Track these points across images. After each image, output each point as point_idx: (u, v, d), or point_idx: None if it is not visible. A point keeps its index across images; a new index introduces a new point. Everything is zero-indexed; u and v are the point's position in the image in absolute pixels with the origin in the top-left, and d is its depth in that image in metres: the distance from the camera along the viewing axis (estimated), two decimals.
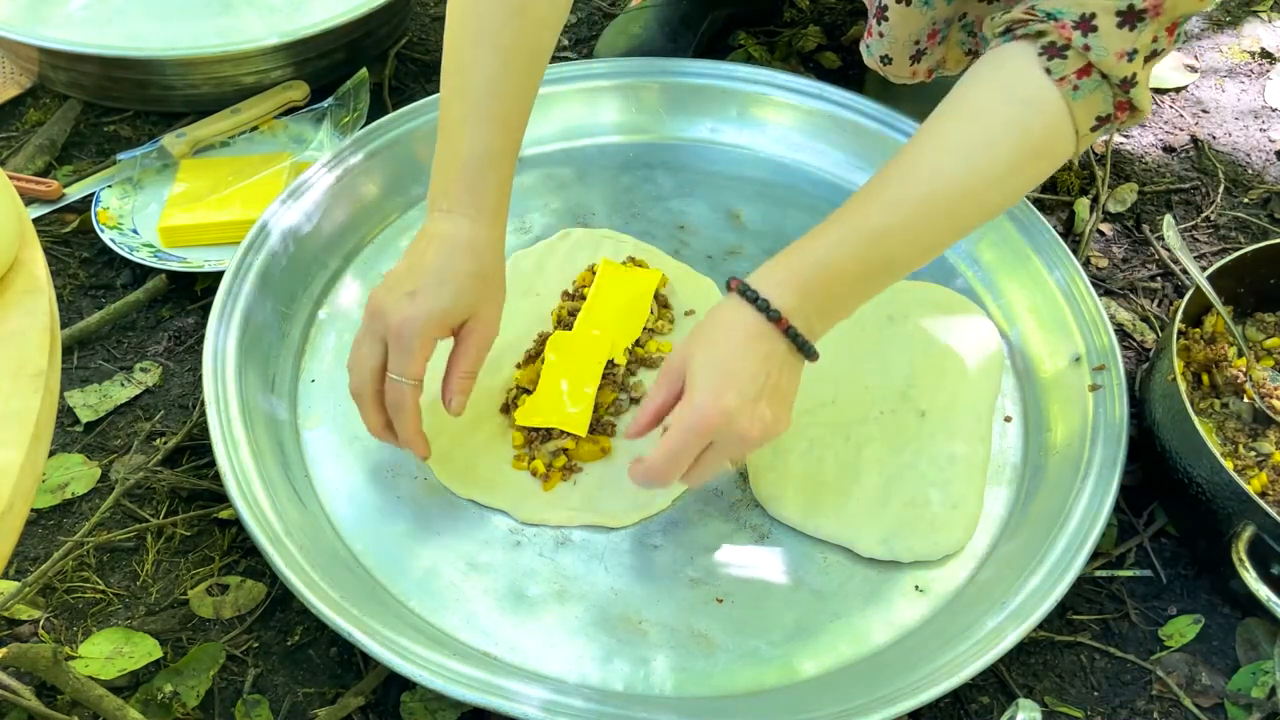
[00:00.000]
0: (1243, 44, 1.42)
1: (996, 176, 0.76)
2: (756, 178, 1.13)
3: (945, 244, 0.79)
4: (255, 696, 0.79)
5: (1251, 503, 0.79)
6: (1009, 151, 0.76)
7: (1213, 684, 0.82)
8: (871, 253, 0.76)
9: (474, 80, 0.81)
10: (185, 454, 0.92)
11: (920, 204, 0.76)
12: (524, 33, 0.82)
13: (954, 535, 0.85)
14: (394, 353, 0.77)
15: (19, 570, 0.84)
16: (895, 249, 0.76)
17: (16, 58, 1.23)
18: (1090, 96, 0.75)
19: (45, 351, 0.60)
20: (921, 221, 0.76)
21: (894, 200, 0.76)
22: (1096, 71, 0.74)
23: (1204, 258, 1.14)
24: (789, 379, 0.76)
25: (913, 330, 0.97)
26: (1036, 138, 0.76)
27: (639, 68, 1.17)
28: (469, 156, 0.80)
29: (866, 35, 0.98)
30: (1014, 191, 0.79)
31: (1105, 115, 0.76)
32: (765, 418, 0.74)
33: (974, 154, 0.76)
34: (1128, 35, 0.73)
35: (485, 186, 0.81)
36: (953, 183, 0.76)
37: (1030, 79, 0.75)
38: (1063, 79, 0.74)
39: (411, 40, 1.33)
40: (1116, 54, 0.74)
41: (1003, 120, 0.76)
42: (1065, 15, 0.74)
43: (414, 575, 0.82)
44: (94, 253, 1.08)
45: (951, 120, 0.77)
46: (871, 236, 0.76)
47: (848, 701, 0.73)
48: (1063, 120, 0.75)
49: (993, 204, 0.78)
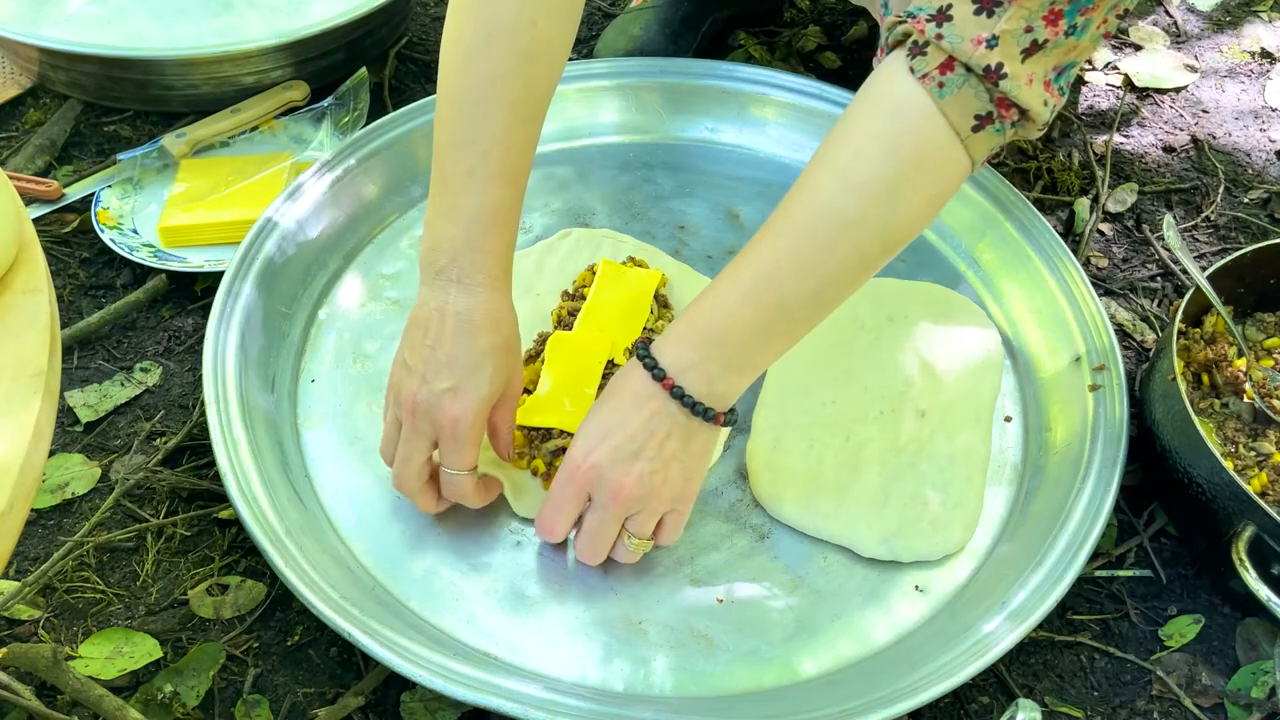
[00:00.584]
0: (1243, 44, 1.42)
1: (876, 194, 0.72)
2: (756, 178, 1.13)
3: (845, 279, 0.74)
4: (255, 696, 0.79)
5: (1251, 503, 0.79)
6: (882, 165, 0.72)
7: (1213, 684, 0.82)
8: (765, 293, 0.73)
9: (483, 132, 0.77)
10: (185, 454, 0.93)
11: (804, 232, 0.73)
12: (533, 82, 0.79)
13: (954, 535, 0.85)
14: (449, 450, 0.77)
15: (19, 570, 0.84)
16: (788, 286, 0.73)
17: (16, 58, 1.23)
18: (959, 93, 0.70)
19: (45, 351, 0.60)
20: (809, 252, 0.73)
21: (779, 232, 0.73)
22: (959, 65, 0.70)
23: (1204, 258, 1.14)
24: (684, 440, 0.74)
25: (913, 330, 0.97)
26: (908, 146, 0.72)
27: (639, 68, 1.17)
28: (480, 213, 0.77)
29: (880, 52, 0.98)
30: (908, 211, 0.73)
31: (984, 114, 0.71)
32: (643, 474, 0.73)
33: (848, 172, 0.72)
34: (985, 21, 0.69)
35: (494, 247, 0.78)
36: (832, 205, 0.72)
37: (897, 85, 0.72)
38: (926, 76, 0.70)
39: (411, 40, 1.33)
40: (973, 40, 0.69)
41: (871, 131, 0.73)
42: (921, 12, 0.71)
43: (414, 575, 0.82)
44: (94, 253, 1.08)
45: (829, 140, 0.74)
46: (762, 275, 0.73)
47: (848, 701, 0.73)
48: (935, 124, 0.71)
49: (884, 225, 0.73)
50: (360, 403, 0.92)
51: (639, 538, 0.77)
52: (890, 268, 1.02)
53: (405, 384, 0.77)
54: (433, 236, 0.78)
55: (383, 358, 0.95)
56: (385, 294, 1.00)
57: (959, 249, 1.05)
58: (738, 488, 0.88)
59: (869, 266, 0.75)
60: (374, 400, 0.92)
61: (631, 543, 0.77)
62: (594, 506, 0.75)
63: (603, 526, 0.76)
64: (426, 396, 0.75)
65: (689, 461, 0.75)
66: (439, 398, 0.75)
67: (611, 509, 0.75)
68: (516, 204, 0.80)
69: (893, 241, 0.74)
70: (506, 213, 0.78)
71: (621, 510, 0.75)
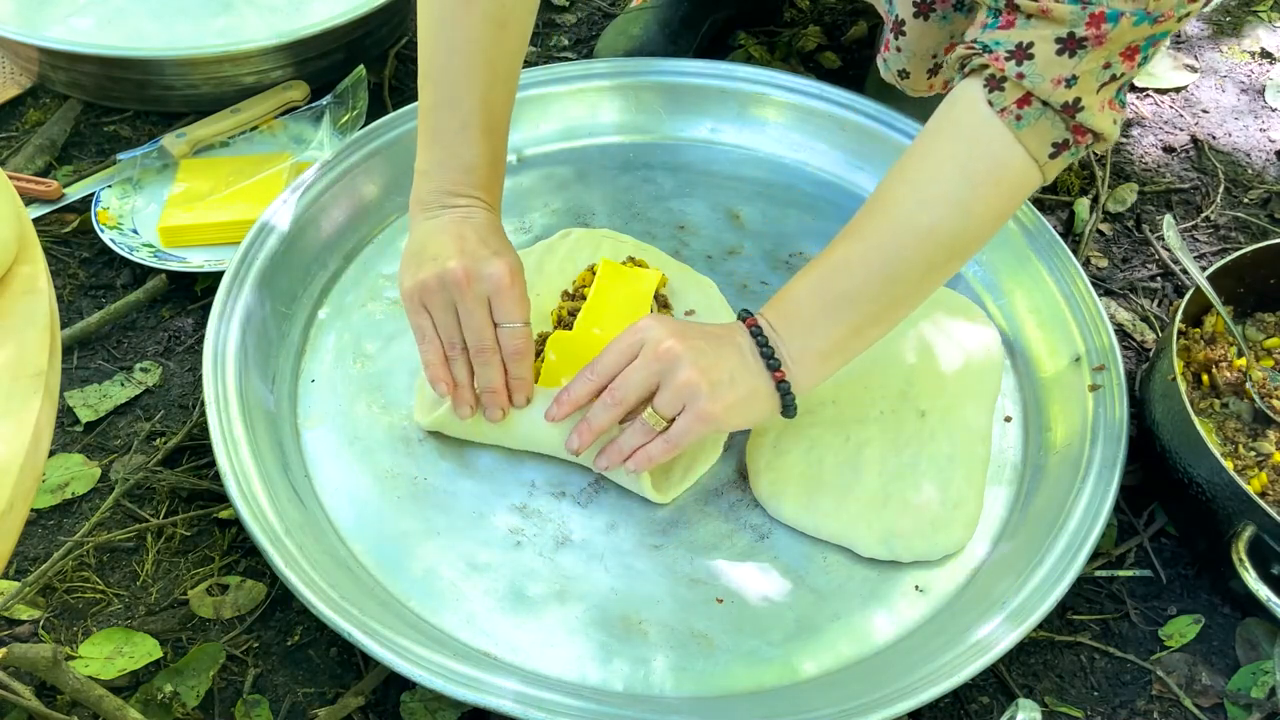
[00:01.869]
0: (1243, 44, 1.42)
1: (948, 212, 0.77)
2: (756, 178, 1.13)
3: (908, 285, 0.80)
4: (255, 696, 0.79)
5: (1251, 503, 0.79)
6: (958, 185, 0.77)
7: (1213, 684, 0.82)
8: (831, 283, 0.80)
9: (468, 91, 0.84)
10: (185, 454, 0.93)
11: (876, 238, 0.79)
12: (506, 43, 0.85)
13: (954, 535, 0.85)
14: (507, 302, 0.81)
15: (19, 570, 0.84)
16: (855, 282, 0.79)
17: (16, 58, 1.23)
18: (1036, 124, 0.75)
19: (45, 351, 0.60)
20: (878, 254, 0.79)
21: (853, 234, 0.80)
22: (1037, 100, 0.74)
23: (1204, 258, 1.14)
24: (739, 370, 0.78)
25: (913, 330, 0.97)
26: (983, 170, 0.76)
27: (639, 68, 1.17)
28: (477, 160, 0.85)
29: (884, 49, 0.98)
30: (978, 226, 0.79)
31: (1061, 141, 0.76)
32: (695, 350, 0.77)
33: (923, 189, 0.78)
34: (1067, 62, 0.73)
35: (494, 186, 0.87)
36: (906, 218, 0.78)
37: (974, 113, 0.76)
38: (1004, 110, 0.75)
39: (411, 40, 1.33)
40: (1053, 80, 0.73)
41: (948, 155, 0.78)
42: (1000, 47, 0.74)
43: (414, 575, 0.82)
44: (94, 253, 1.08)
45: (908, 158, 0.79)
46: (830, 268, 0.80)
47: (848, 701, 0.73)
48: (1011, 151, 0.76)
49: (950, 241, 0.78)
50: (360, 403, 0.92)
51: (658, 413, 0.79)
52: None
53: (448, 265, 0.80)
54: (432, 183, 0.85)
55: (383, 358, 0.95)
56: (385, 294, 1.00)
57: None
58: (738, 488, 0.88)
59: (938, 273, 0.81)
60: (374, 400, 0.92)
61: (650, 414, 0.79)
62: (639, 359, 0.79)
63: (637, 373, 0.78)
64: (475, 263, 0.80)
65: (732, 383, 0.78)
66: (486, 261, 0.80)
67: (649, 361, 0.78)
68: (504, 154, 0.89)
69: (963, 251, 0.80)
70: (498, 162, 0.87)
71: (656, 368, 0.78)
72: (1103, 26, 0.71)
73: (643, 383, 0.79)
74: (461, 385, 0.84)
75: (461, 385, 0.84)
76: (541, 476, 0.87)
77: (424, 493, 0.86)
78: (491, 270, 0.80)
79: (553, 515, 0.85)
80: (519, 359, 0.82)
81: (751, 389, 0.79)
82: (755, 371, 0.79)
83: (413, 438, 0.89)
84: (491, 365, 0.82)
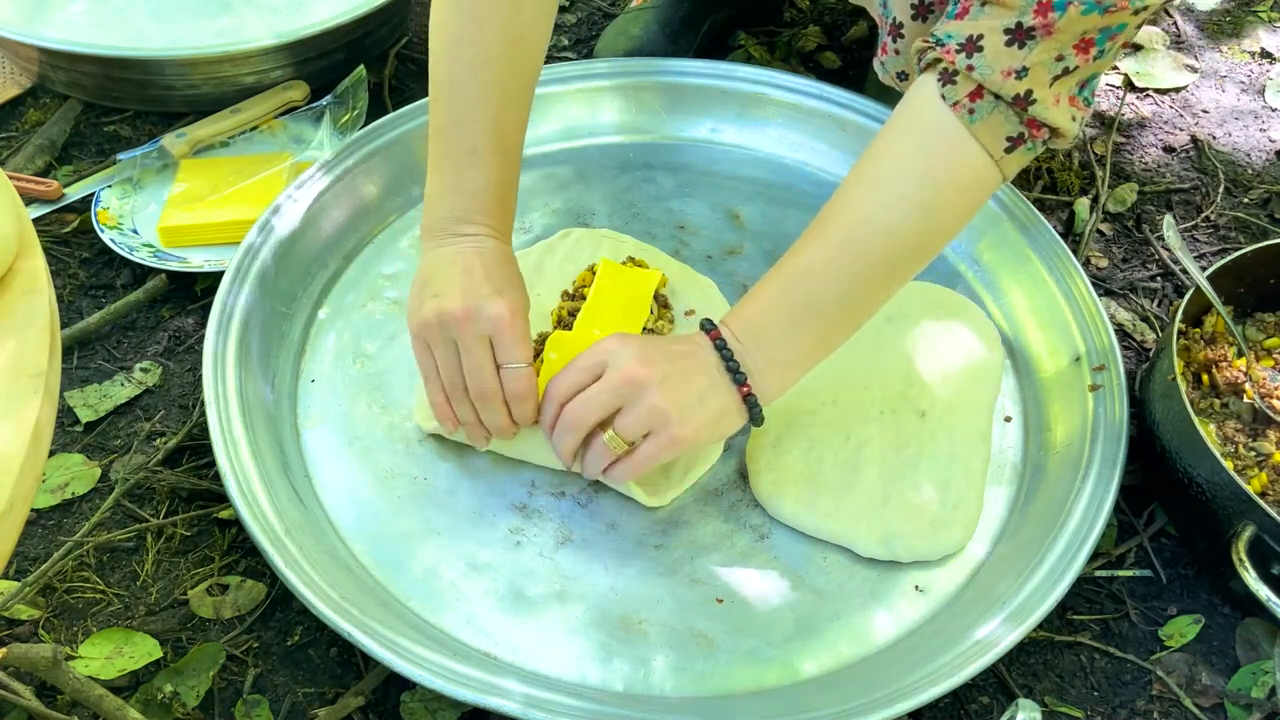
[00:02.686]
0: (1243, 44, 1.42)
1: (911, 209, 0.76)
2: (756, 178, 1.13)
3: (871, 288, 0.79)
4: (255, 696, 0.79)
5: (1251, 503, 0.79)
6: (916, 183, 0.76)
7: (1213, 684, 0.82)
8: (795, 290, 0.78)
9: (479, 112, 0.82)
10: (185, 454, 0.93)
11: (838, 240, 0.78)
12: (520, 62, 0.84)
13: (954, 535, 0.85)
14: (508, 344, 0.79)
15: (19, 570, 0.84)
16: (818, 287, 0.78)
17: (16, 58, 1.23)
18: (989, 118, 0.74)
19: (45, 351, 0.60)
20: (841, 258, 0.78)
21: (815, 237, 0.79)
22: (989, 93, 0.73)
23: (1204, 258, 1.14)
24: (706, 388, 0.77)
25: (913, 330, 0.97)
26: (940, 166, 0.76)
27: (639, 68, 1.17)
28: (486, 185, 0.83)
29: (881, 53, 0.98)
30: (940, 225, 0.78)
31: (1016, 135, 0.75)
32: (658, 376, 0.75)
33: (883, 187, 0.77)
34: (1016, 53, 0.72)
35: (502, 214, 0.85)
36: (867, 218, 0.77)
37: (929, 108, 0.75)
38: (956, 104, 0.74)
39: (411, 40, 1.33)
40: (1003, 72, 0.73)
41: (905, 152, 0.77)
42: (951, 40, 0.74)
43: (414, 575, 0.82)
44: (94, 253, 1.08)
45: (867, 158, 0.78)
46: (794, 274, 0.79)
47: (848, 701, 0.73)
48: (966, 146, 0.75)
49: (914, 240, 0.77)
50: (360, 403, 0.92)
51: (619, 436, 0.77)
52: None
53: (447, 305, 0.78)
54: (440, 209, 0.83)
55: (383, 358, 0.95)
56: (385, 294, 1.00)
57: (959, 249, 1.05)
58: (738, 488, 0.88)
59: (900, 274, 0.80)
60: (374, 400, 0.92)
61: (611, 437, 0.77)
62: (599, 381, 0.77)
63: (597, 397, 0.77)
64: (475, 301, 0.78)
65: (699, 407, 0.77)
66: (487, 300, 0.78)
67: (613, 386, 0.76)
68: (516, 178, 0.87)
69: (925, 251, 0.79)
70: (508, 187, 0.86)
71: (622, 392, 0.76)
72: (1050, 15, 0.71)
73: (602, 406, 0.77)
74: (468, 423, 0.83)
75: (468, 423, 0.83)
76: (541, 476, 0.87)
77: (424, 493, 0.86)
78: (491, 311, 0.78)
79: (553, 515, 0.85)
80: (521, 401, 0.80)
81: (720, 407, 0.78)
82: (722, 388, 0.78)
83: (413, 438, 0.89)
84: (493, 407, 0.81)
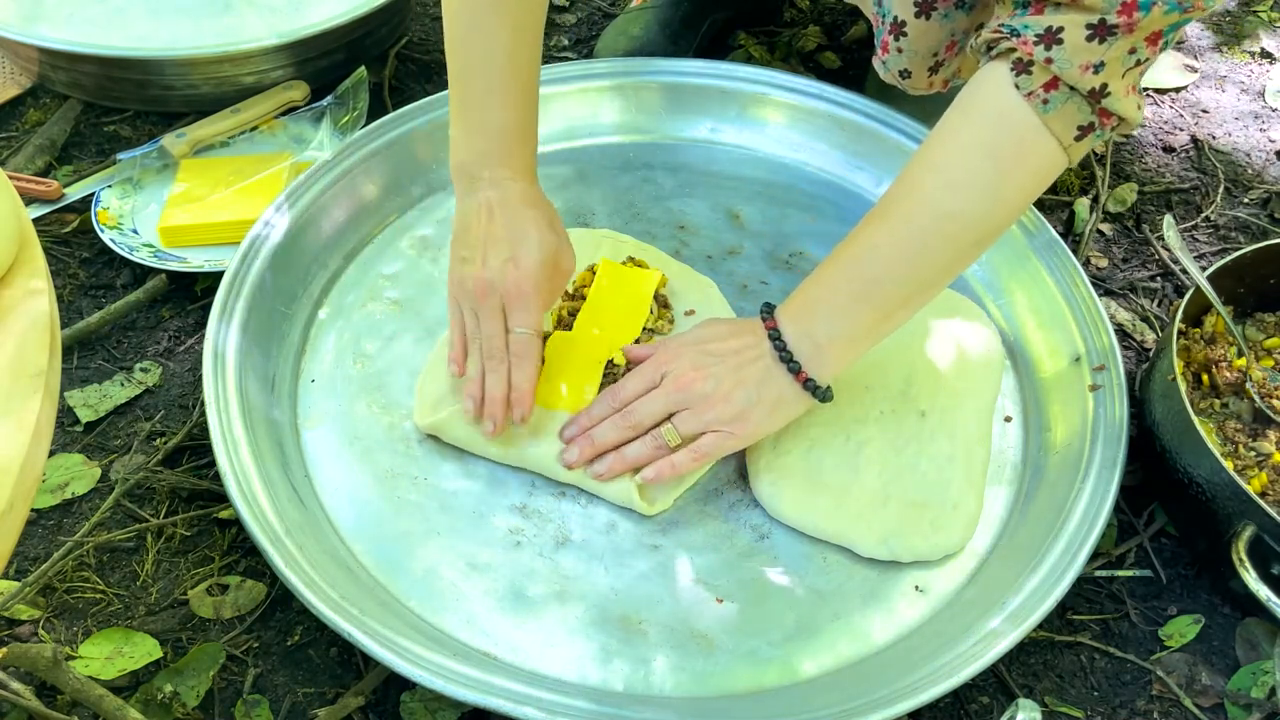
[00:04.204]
0: (1243, 45, 1.42)
1: (977, 193, 0.78)
2: (756, 178, 1.13)
3: (936, 268, 0.80)
4: (255, 696, 0.79)
5: (1251, 503, 0.79)
6: (984, 168, 0.77)
7: (1213, 684, 0.82)
8: (858, 269, 0.80)
9: (493, 57, 0.86)
10: (185, 454, 0.93)
11: (903, 222, 0.79)
12: (530, 8, 0.87)
13: (954, 535, 0.85)
14: (517, 310, 0.84)
15: (19, 570, 0.84)
16: (882, 268, 0.80)
17: (16, 58, 1.23)
18: (1063, 108, 0.75)
19: (45, 351, 0.60)
20: (906, 239, 0.79)
21: (880, 219, 0.80)
22: (1064, 84, 0.74)
23: (1204, 258, 1.14)
24: (762, 378, 0.81)
25: (913, 330, 0.97)
26: (1009, 154, 0.77)
27: (639, 68, 1.17)
28: (504, 128, 0.88)
29: (881, 52, 0.98)
30: (1001, 211, 0.79)
31: (1087, 124, 0.76)
32: (712, 377, 0.81)
33: (949, 172, 0.78)
34: (1096, 48, 0.73)
35: (522, 153, 0.89)
36: (934, 202, 0.78)
37: (1000, 97, 0.76)
38: (1031, 94, 0.75)
39: (411, 40, 1.33)
40: (1081, 66, 0.73)
41: (974, 139, 0.78)
42: (1029, 31, 0.74)
43: (414, 575, 0.82)
44: (94, 253, 1.08)
45: (934, 142, 0.80)
46: (857, 255, 0.81)
47: (848, 701, 0.73)
48: (1036, 134, 0.76)
49: (979, 223, 0.79)
50: (360, 403, 0.92)
51: (678, 433, 0.82)
52: None
53: (468, 273, 0.85)
54: (463, 152, 0.89)
55: (383, 358, 0.95)
56: (385, 294, 1.00)
57: None
58: (738, 488, 0.88)
59: (966, 256, 0.82)
60: (374, 400, 0.92)
61: (667, 431, 0.82)
62: (657, 389, 0.83)
63: (653, 403, 0.83)
64: (489, 274, 0.84)
65: (758, 399, 0.81)
66: (500, 270, 0.84)
67: (670, 392, 0.82)
68: (534, 118, 0.91)
69: (990, 233, 0.81)
70: (527, 126, 0.90)
71: (677, 398, 0.82)
72: (1135, 15, 0.72)
73: (660, 411, 0.82)
74: (470, 379, 0.86)
75: (470, 379, 0.86)
76: (542, 477, 0.87)
77: (424, 493, 0.86)
78: (505, 281, 0.84)
79: (553, 515, 0.86)
80: (520, 362, 0.84)
81: (776, 396, 0.82)
82: (778, 376, 0.81)
83: (412, 438, 0.90)
84: (496, 374, 0.84)
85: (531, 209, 0.87)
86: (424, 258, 1.03)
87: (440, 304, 0.99)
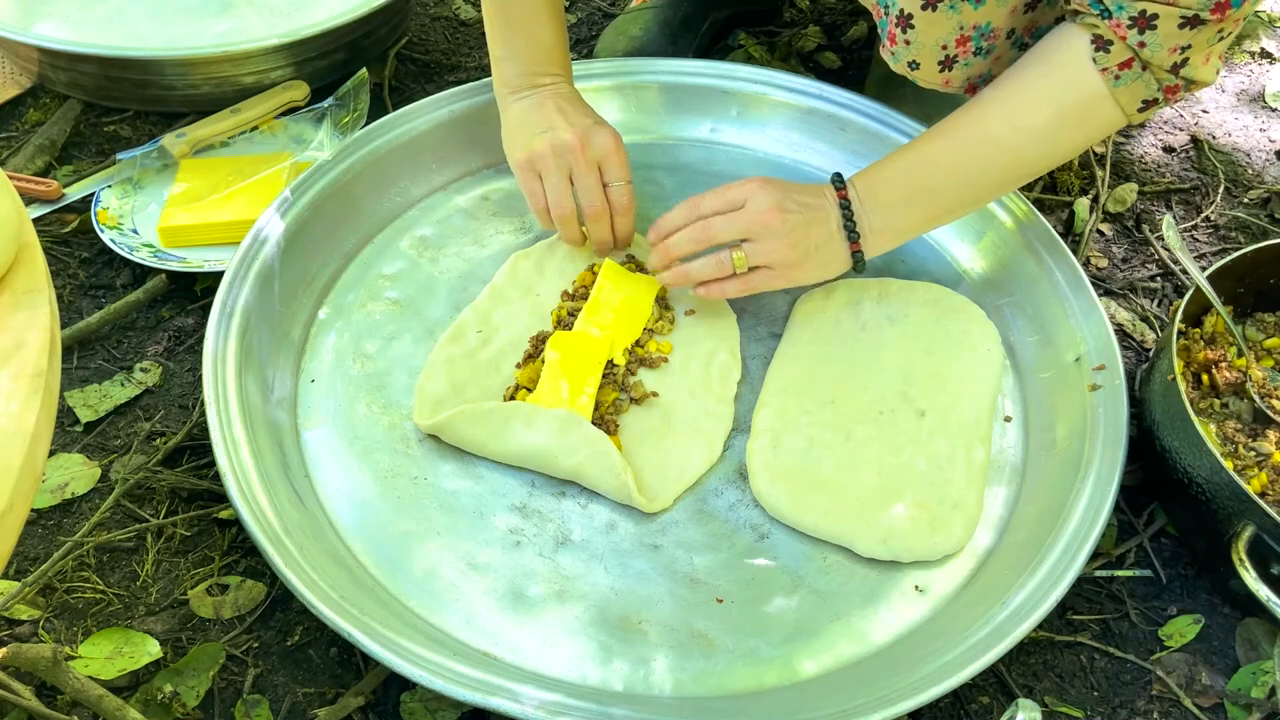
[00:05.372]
0: (1243, 44, 1.42)
1: (1035, 139, 0.87)
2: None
3: (985, 189, 0.92)
4: (255, 696, 0.79)
5: (1251, 503, 0.79)
6: (1047, 121, 0.86)
7: (1213, 684, 0.82)
8: (916, 175, 0.91)
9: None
10: (185, 454, 0.93)
11: (966, 147, 0.89)
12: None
13: (954, 535, 0.85)
14: (616, 166, 0.96)
15: (19, 570, 0.84)
16: (938, 180, 0.90)
17: (16, 58, 1.23)
18: (1131, 85, 0.82)
19: (45, 351, 0.60)
20: (965, 160, 0.89)
21: (944, 136, 0.90)
22: (1138, 63, 0.81)
23: (1204, 258, 1.14)
24: (823, 238, 0.90)
25: (913, 330, 0.97)
26: (1074, 113, 0.85)
27: (639, 68, 1.17)
28: (549, 42, 0.99)
29: (889, 43, 0.97)
30: (1055, 155, 0.89)
31: (1151, 99, 0.83)
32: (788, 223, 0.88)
33: (1017, 116, 0.87)
34: (1186, 34, 0.79)
35: (567, 61, 1.02)
36: (996, 136, 0.88)
37: (1076, 65, 0.83)
38: (1105, 70, 0.82)
39: (412, 40, 1.33)
40: (1170, 49, 0.80)
41: (1045, 94, 0.86)
42: (1122, 13, 0.80)
43: (414, 575, 0.82)
44: (94, 253, 1.08)
45: (1004, 87, 0.88)
46: (920, 162, 0.91)
47: (848, 701, 0.73)
48: (1103, 103, 0.84)
49: (1032, 162, 0.89)
50: (360, 403, 0.92)
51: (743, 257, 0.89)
52: (891, 268, 1.03)
53: (562, 136, 0.95)
54: (515, 66, 0.99)
55: (383, 358, 0.95)
56: (385, 294, 1.00)
57: (959, 248, 1.05)
58: (738, 488, 0.88)
59: (1011, 185, 0.96)
60: (374, 400, 0.92)
61: (738, 257, 0.89)
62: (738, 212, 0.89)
63: (733, 223, 0.89)
64: (583, 132, 0.96)
65: (814, 254, 0.90)
66: (592, 130, 0.96)
67: (750, 220, 0.89)
68: (567, 37, 1.02)
69: (1037, 170, 0.92)
70: (565, 41, 1.01)
71: (754, 229, 0.89)
72: (1227, 12, 0.78)
73: (736, 234, 0.89)
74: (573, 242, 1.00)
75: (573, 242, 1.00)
76: (542, 476, 0.87)
77: (424, 493, 0.86)
78: (601, 139, 0.95)
79: (553, 515, 0.86)
80: (624, 215, 0.98)
81: (830, 256, 0.91)
82: (837, 241, 0.90)
83: (412, 438, 0.90)
84: (602, 223, 0.97)
85: (588, 105, 0.99)
86: (424, 258, 1.03)
87: (441, 304, 0.99)
